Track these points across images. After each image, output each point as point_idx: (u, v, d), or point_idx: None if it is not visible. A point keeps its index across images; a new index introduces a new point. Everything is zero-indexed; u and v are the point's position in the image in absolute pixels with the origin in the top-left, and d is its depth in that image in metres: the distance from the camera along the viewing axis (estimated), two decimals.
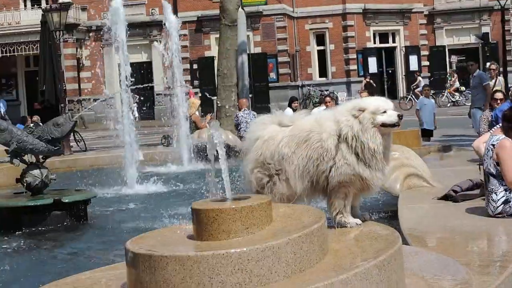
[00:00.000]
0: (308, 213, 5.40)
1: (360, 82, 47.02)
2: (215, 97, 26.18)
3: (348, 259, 5.09)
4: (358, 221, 6.07)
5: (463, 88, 45.63)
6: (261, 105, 44.48)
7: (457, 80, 47.03)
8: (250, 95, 34.34)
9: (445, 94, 46.04)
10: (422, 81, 46.64)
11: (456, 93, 45.68)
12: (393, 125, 6.00)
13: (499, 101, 15.09)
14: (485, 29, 51.73)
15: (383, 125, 5.94)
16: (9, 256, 9.57)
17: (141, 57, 47.97)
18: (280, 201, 6.12)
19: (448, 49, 53.01)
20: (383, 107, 5.98)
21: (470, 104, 21.52)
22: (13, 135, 11.52)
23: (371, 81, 46.90)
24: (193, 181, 15.77)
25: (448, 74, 49.59)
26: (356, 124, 5.92)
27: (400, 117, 5.99)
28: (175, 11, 40.25)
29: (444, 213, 8.88)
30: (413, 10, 52.05)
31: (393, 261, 5.08)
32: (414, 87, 46.40)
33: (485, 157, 8.56)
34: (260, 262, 4.50)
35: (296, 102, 23.48)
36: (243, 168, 6.43)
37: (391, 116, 5.97)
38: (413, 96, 43.84)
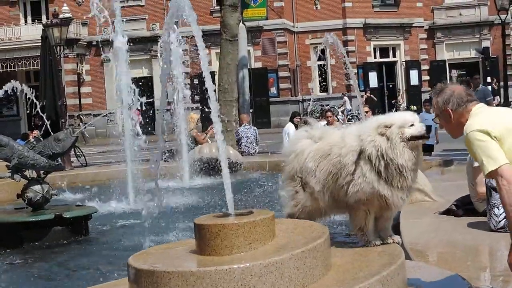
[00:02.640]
0: (311, 228, 5.39)
1: (361, 97, 46.94)
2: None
3: (351, 274, 5.08)
4: (378, 242, 5.91)
5: (413, 107, 44.89)
6: (261, 120, 44.53)
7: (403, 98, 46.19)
8: (251, 110, 34.44)
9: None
10: (347, 102, 45.43)
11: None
12: (421, 137, 5.82)
13: None
14: (486, 44, 51.79)
15: (412, 138, 5.77)
16: (9, 271, 9.55)
17: (142, 72, 48.02)
18: (302, 214, 6.09)
19: (449, 64, 53.12)
20: (410, 120, 5.85)
21: None
22: (14, 151, 11.50)
23: (372, 95, 46.83)
24: (194, 196, 15.75)
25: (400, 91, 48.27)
26: (383, 142, 5.75)
27: (429, 128, 5.85)
28: None
29: (446, 228, 8.86)
30: (413, 25, 52.16)
31: (396, 276, 5.07)
32: (340, 107, 44.66)
33: None
34: (263, 277, 4.49)
35: (298, 117, 23.43)
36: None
37: (418, 127, 5.81)
38: (337, 117, 41.74)
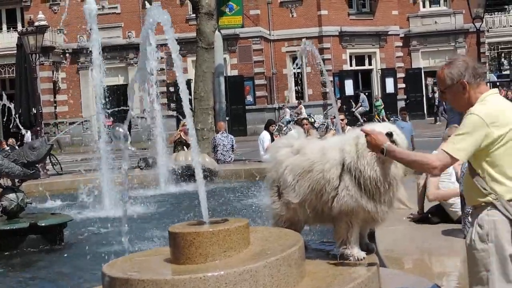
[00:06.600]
0: (285, 237, 5.40)
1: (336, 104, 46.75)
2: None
3: (325, 282, 5.10)
4: (362, 255, 5.69)
5: (319, 118, 42.90)
6: (238, 128, 44.46)
7: (303, 109, 44.95)
8: (227, 118, 34.41)
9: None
10: (288, 112, 43.82)
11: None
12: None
13: None
14: (461, 52, 51.88)
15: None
16: None
17: (118, 80, 47.81)
18: (280, 222, 6.06)
19: (424, 72, 53.23)
20: (378, 130, 5.16)
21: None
22: None
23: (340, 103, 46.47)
24: (170, 204, 15.73)
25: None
26: (354, 152, 5.57)
27: (389, 135, 5.24)
28: None
29: (420, 235, 8.91)
30: (389, 33, 52.31)
31: (371, 284, 5.09)
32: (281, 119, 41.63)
33: (461, 180, 8.58)
34: (238, 285, 4.50)
35: (274, 125, 23.46)
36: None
37: None
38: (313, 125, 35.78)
